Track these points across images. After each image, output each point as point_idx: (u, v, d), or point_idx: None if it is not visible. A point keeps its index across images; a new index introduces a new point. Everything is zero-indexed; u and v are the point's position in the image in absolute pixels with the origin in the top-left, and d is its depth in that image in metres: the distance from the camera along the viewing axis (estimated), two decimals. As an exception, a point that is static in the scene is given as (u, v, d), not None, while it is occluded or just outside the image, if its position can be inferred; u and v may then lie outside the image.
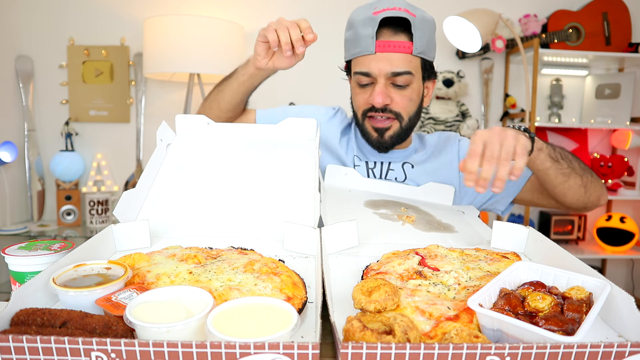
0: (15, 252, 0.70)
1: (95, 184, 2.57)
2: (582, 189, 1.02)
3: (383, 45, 1.03)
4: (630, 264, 2.86)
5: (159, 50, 2.12)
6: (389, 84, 1.07)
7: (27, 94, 2.48)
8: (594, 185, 1.04)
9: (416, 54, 1.05)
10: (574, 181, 0.99)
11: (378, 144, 1.14)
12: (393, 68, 1.04)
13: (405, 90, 1.08)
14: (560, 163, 0.96)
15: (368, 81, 1.09)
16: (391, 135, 1.12)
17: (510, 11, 2.55)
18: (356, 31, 1.07)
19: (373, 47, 1.04)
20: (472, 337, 0.47)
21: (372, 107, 1.09)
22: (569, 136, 2.71)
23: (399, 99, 1.08)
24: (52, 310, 0.50)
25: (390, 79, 1.06)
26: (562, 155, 0.97)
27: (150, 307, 0.51)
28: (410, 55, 1.05)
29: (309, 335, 0.53)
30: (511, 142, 0.78)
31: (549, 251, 0.72)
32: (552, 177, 0.97)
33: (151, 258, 0.70)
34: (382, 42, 1.04)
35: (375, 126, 1.13)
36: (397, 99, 1.08)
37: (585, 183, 1.02)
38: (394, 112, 1.09)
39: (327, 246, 0.77)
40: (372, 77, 1.07)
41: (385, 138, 1.13)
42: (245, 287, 0.60)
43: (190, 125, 1.02)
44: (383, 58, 1.04)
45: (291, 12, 2.53)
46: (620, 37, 2.51)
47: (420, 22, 1.04)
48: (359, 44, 1.06)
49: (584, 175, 1.01)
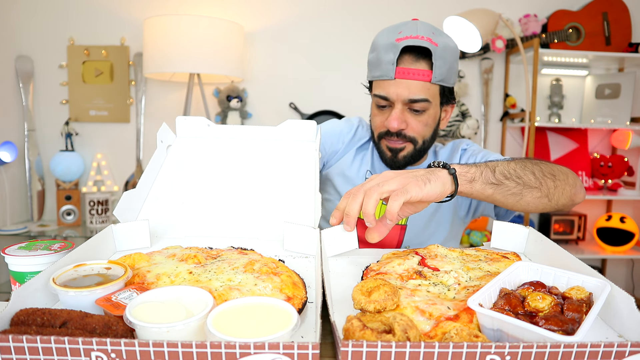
0: (15, 252, 0.70)
1: (95, 184, 2.57)
2: (544, 200, 0.93)
3: (403, 72, 1.06)
4: (630, 264, 2.86)
5: (159, 50, 2.12)
6: (405, 109, 1.09)
7: (27, 94, 2.48)
8: (560, 189, 0.95)
9: (435, 82, 1.06)
10: (530, 196, 0.91)
11: (391, 162, 1.16)
12: (410, 95, 1.06)
13: (421, 116, 1.10)
14: (504, 185, 0.86)
15: (386, 104, 1.11)
16: (404, 155, 1.14)
17: (510, 11, 2.55)
18: (379, 55, 1.09)
19: (393, 73, 1.06)
20: (472, 336, 0.47)
21: (388, 131, 1.12)
22: (569, 136, 2.71)
23: (415, 124, 1.10)
24: (52, 310, 0.50)
25: (407, 104, 1.08)
26: (506, 175, 0.87)
27: (150, 307, 0.51)
28: (429, 83, 1.06)
29: (309, 335, 0.53)
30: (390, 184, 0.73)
31: (549, 251, 0.72)
32: (501, 201, 0.89)
33: (151, 258, 0.70)
34: (402, 69, 1.06)
35: (389, 146, 1.15)
36: (412, 124, 1.10)
37: (547, 192, 0.93)
38: (409, 136, 1.11)
39: (327, 249, 0.77)
40: (390, 102, 1.09)
41: (398, 158, 1.15)
42: (245, 287, 0.60)
43: (190, 126, 1.02)
44: (402, 84, 1.06)
45: (291, 12, 2.53)
46: (620, 37, 2.51)
47: (442, 51, 1.05)
48: (380, 68, 1.09)
49: (542, 185, 0.91)
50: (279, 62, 2.58)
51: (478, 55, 2.61)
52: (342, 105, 2.61)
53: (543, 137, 2.69)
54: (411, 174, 0.76)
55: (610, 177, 2.66)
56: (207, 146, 1.02)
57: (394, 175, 0.75)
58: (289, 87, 2.61)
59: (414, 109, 1.08)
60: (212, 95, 2.58)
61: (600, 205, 2.83)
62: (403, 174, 0.76)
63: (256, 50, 2.54)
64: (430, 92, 1.08)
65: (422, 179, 0.75)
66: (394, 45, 1.05)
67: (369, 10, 2.59)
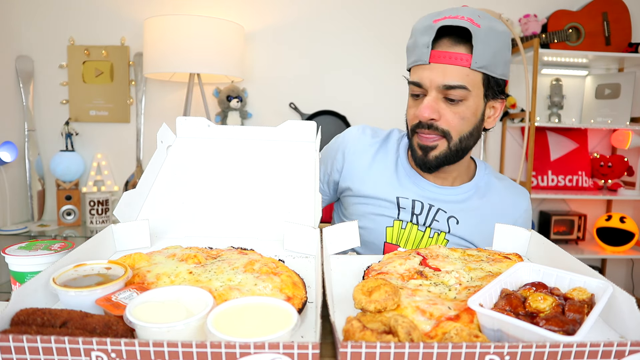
0: (16, 252, 0.70)
1: (95, 184, 2.57)
2: None
3: (438, 56, 0.95)
4: (630, 264, 2.86)
5: (159, 50, 2.12)
6: (440, 97, 0.98)
7: (27, 94, 2.48)
8: None
9: (476, 67, 0.94)
10: None
11: (422, 163, 1.04)
12: (446, 80, 0.95)
13: (457, 107, 0.97)
14: None
15: (420, 92, 1.00)
16: (437, 155, 1.02)
17: (510, 11, 2.55)
18: (415, 39, 1.00)
19: (427, 57, 0.96)
20: (472, 336, 0.47)
21: (420, 122, 1.01)
22: (569, 136, 2.71)
23: (450, 115, 0.98)
24: (52, 310, 0.50)
25: (442, 92, 0.97)
26: None
27: (151, 307, 0.51)
28: (468, 69, 0.95)
29: (309, 335, 0.53)
30: None
31: (551, 254, 0.72)
32: None
33: (151, 258, 0.70)
34: (438, 53, 0.95)
35: (420, 143, 1.03)
36: (447, 116, 0.98)
37: None
38: (442, 129, 0.99)
39: (328, 247, 0.77)
40: (424, 89, 0.99)
41: (429, 157, 1.03)
42: (245, 287, 0.60)
43: (190, 127, 1.02)
44: (437, 69, 0.96)
45: (291, 12, 2.53)
46: (620, 37, 2.51)
47: (485, 34, 0.93)
48: (415, 53, 1.00)
49: None
50: (279, 62, 2.58)
51: (478, 55, 2.61)
52: (342, 106, 2.61)
53: (543, 137, 2.69)
54: None
55: (610, 177, 2.66)
56: (207, 146, 1.02)
57: None
58: (289, 87, 2.61)
59: (450, 97, 0.96)
60: (212, 95, 2.58)
61: (600, 205, 2.83)
62: None
63: (256, 50, 2.54)
64: (469, 79, 0.95)
65: None
66: (430, 27, 0.95)
67: (369, 10, 2.59)
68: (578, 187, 2.66)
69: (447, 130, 0.99)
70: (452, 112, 0.98)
